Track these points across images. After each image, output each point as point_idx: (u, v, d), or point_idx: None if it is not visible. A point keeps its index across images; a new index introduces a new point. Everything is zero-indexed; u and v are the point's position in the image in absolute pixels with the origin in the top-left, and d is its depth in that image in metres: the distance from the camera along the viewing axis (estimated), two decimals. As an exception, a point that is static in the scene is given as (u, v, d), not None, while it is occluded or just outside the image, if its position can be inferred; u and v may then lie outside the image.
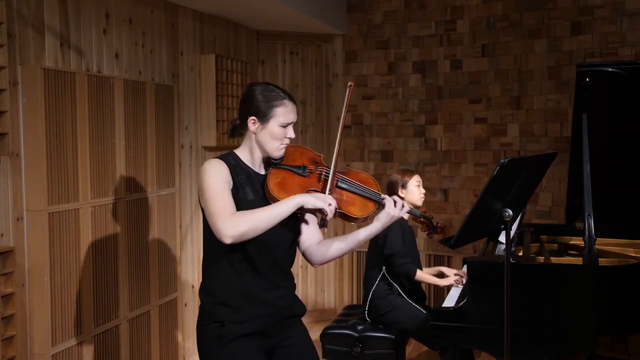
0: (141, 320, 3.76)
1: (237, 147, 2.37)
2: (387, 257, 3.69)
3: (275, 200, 2.22)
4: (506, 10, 5.13)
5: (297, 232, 2.39)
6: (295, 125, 2.34)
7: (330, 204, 2.20)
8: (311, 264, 2.43)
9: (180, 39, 4.30)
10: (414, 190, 3.78)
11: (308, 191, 2.27)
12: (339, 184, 2.34)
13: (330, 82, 5.72)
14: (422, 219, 2.66)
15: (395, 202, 2.33)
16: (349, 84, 2.41)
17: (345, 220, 2.35)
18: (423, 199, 3.83)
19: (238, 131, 2.35)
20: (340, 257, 2.42)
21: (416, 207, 3.82)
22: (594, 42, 4.79)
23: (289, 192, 2.23)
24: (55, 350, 3.10)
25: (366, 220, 2.37)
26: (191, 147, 4.42)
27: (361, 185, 2.35)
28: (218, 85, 4.53)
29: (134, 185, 3.67)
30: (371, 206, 2.33)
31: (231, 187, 2.20)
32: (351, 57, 5.69)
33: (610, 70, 3.20)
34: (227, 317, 2.23)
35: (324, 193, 2.26)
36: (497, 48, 5.19)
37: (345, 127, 2.36)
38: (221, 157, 2.27)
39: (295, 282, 2.46)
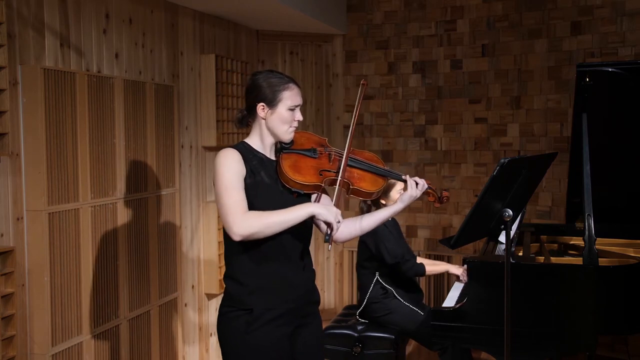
0: (141, 320, 3.76)
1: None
2: (394, 265, 3.67)
3: (290, 182, 2.29)
4: (506, 10, 5.13)
5: None
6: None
7: (339, 221, 2.25)
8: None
9: (180, 39, 4.29)
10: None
11: (321, 172, 2.36)
12: (349, 162, 2.43)
13: (330, 82, 5.72)
14: (429, 190, 2.71)
15: (417, 183, 2.46)
16: (362, 82, 2.51)
17: (357, 196, 2.44)
18: None
19: (246, 120, 2.42)
20: (361, 235, 2.54)
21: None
22: (594, 42, 4.79)
23: (304, 174, 2.31)
24: (55, 350, 3.10)
25: (378, 195, 2.50)
26: (191, 147, 4.42)
27: (369, 163, 2.48)
28: (218, 85, 4.53)
29: (134, 185, 3.67)
30: (381, 181, 2.46)
31: (244, 175, 2.25)
32: (351, 57, 5.69)
33: (610, 70, 3.20)
34: (257, 304, 2.26)
35: (337, 172, 2.36)
36: (497, 48, 5.19)
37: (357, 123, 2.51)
38: (233, 146, 2.33)
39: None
